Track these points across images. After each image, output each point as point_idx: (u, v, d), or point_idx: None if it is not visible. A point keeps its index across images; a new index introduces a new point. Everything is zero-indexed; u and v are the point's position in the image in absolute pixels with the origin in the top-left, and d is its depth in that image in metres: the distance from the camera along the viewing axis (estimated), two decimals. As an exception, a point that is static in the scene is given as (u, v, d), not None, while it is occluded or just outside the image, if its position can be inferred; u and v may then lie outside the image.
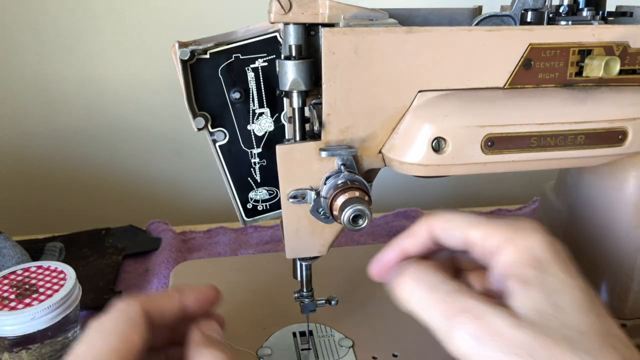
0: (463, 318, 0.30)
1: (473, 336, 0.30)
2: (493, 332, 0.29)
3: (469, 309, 0.30)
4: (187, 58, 0.36)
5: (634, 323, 0.44)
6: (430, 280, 0.32)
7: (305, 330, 0.45)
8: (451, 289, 0.32)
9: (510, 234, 0.32)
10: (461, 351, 0.30)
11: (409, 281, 0.33)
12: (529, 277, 0.31)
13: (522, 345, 0.29)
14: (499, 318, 0.30)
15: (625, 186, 0.41)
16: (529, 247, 0.32)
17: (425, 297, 0.32)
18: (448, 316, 0.31)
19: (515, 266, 0.31)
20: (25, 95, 0.75)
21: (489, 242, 0.33)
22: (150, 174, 0.83)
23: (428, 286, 0.32)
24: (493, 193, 0.92)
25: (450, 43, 0.33)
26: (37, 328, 0.43)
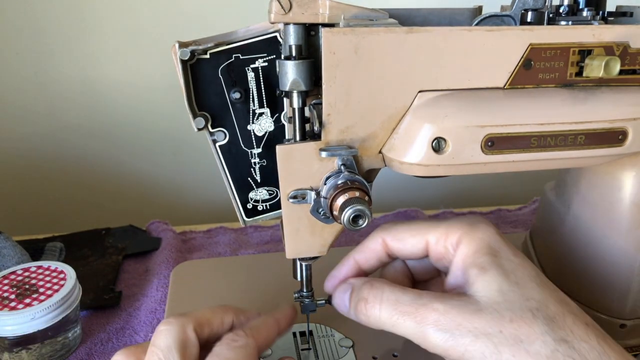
0: (431, 318, 0.32)
1: (444, 331, 0.31)
2: (461, 321, 0.31)
3: (434, 309, 0.32)
4: (187, 58, 0.36)
5: (634, 323, 0.44)
6: (390, 296, 0.34)
7: (306, 330, 0.45)
8: (412, 296, 0.34)
9: (466, 229, 0.35)
10: (439, 348, 0.32)
11: (373, 305, 0.35)
12: (486, 262, 0.33)
13: (489, 324, 0.31)
14: (463, 307, 0.32)
15: (625, 186, 0.41)
16: (483, 238, 0.35)
17: (392, 313, 0.34)
18: (418, 322, 0.33)
19: (474, 256, 0.34)
20: (25, 95, 0.75)
21: (450, 238, 0.36)
22: (151, 174, 0.83)
23: (391, 302, 0.34)
24: (493, 193, 0.92)
25: (450, 43, 0.33)
26: (37, 328, 0.43)
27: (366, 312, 0.35)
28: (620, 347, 0.31)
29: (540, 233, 0.52)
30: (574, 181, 0.45)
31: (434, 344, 0.32)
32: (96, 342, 0.49)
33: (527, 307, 0.31)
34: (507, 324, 0.31)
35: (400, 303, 0.34)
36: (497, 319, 0.31)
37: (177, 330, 0.33)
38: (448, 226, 0.36)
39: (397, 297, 0.34)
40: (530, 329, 0.30)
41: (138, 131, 0.80)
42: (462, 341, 0.31)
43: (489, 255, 0.34)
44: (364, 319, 0.35)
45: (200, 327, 0.34)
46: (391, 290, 0.34)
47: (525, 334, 0.30)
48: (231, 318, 0.37)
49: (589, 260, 0.44)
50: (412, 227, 0.37)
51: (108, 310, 0.53)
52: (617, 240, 0.42)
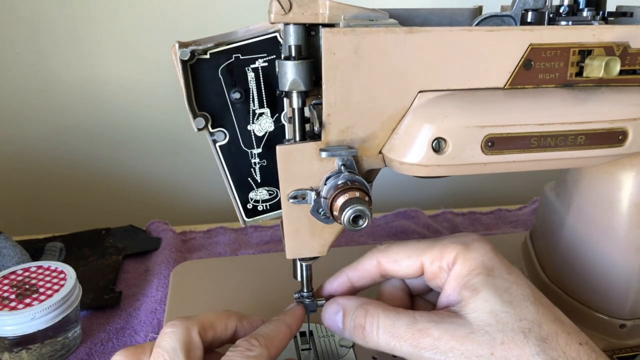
0: (425, 342, 0.33)
1: (439, 354, 0.32)
2: (454, 344, 0.32)
3: (429, 334, 0.33)
4: (187, 58, 0.36)
5: (634, 323, 0.44)
6: (386, 322, 0.35)
7: (306, 330, 0.45)
8: (407, 321, 0.34)
9: (460, 249, 0.36)
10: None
11: (370, 332, 0.35)
12: (479, 283, 0.34)
13: (481, 347, 0.31)
14: (456, 330, 0.33)
15: (625, 186, 0.41)
16: (477, 257, 0.35)
17: (389, 339, 0.34)
18: (414, 346, 0.33)
19: (467, 276, 0.35)
20: (25, 95, 0.75)
21: (445, 259, 0.36)
22: (151, 174, 0.83)
23: (387, 327, 0.35)
24: (493, 193, 0.92)
25: (450, 43, 0.33)
26: (37, 328, 0.43)
27: (364, 337, 0.36)
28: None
29: (540, 233, 0.52)
30: (574, 181, 0.45)
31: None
32: (96, 342, 0.49)
33: (519, 328, 0.32)
34: (499, 346, 0.31)
35: (396, 328, 0.34)
36: (488, 341, 0.31)
37: (182, 333, 0.33)
38: (443, 247, 0.36)
39: (393, 322, 0.35)
40: (522, 350, 0.31)
41: (138, 131, 0.80)
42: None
43: (483, 275, 0.34)
44: (361, 343, 0.36)
45: (204, 331, 0.35)
46: (386, 316, 0.35)
47: (516, 356, 0.31)
48: (234, 323, 0.37)
49: (589, 260, 0.44)
50: (408, 248, 0.38)
51: (108, 310, 0.53)
52: (617, 240, 0.42)
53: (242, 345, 0.34)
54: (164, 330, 0.34)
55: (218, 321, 0.36)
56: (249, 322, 0.38)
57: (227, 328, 0.37)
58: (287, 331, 0.37)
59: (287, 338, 0.37)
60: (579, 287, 0.45)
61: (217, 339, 0.36)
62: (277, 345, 0.36)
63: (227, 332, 0.37)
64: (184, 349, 0.33)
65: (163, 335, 0.34)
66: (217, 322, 0.36)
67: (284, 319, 0.38)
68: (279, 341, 0.36)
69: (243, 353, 0.33)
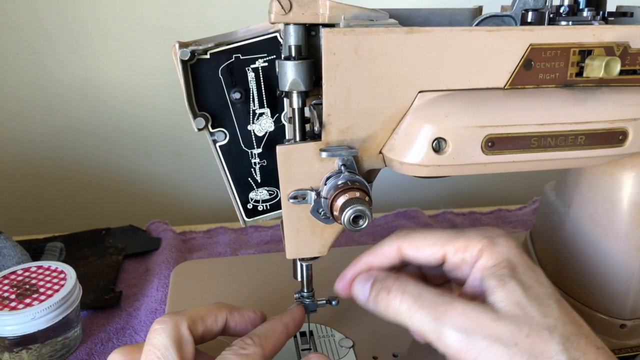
0: (450, 316, 0.32)
1: (461, 330, 0.31)
2: (479, 325, 0.31)
3: (454, 308, 0.32)
4: (188, 58, 0.36)
5: (634, 323, 0.44)
6: (413, 290, 0.35)
7: (306, 330, 0.45)
8: (434, 293, 0.34)
9: (486, 242, 0.35)
10: (452, 347, 0.32)
11: (397, 295, 0.35)
12: (505, 275, 0.33)
13: (507, 335, 0.31)
14: (482, 312, 0.32)
15: (625, 186, 0.41)
16: (503, 252, 0.35)
17: (412, 306, 0.34)
18: (436, 317, 0.33)
19: (493, 268, 0.34)
20: (25, 95, 0.75)
21: (469, 251, 0.36)
22: (151, 174, 0.83)
23: (413, 295, 0.34)
24: (493, 193, 0.92)
25: (450, 43, 0.33)
26: (37, 328, 0.43)
27: (387, 302, 0.35)
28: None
29: (540, 233, 0.52)
30: (574, 181, 0.45)
31: (448, 343, 0.32)
32: (96, 342, 0.49)
33: (544, 324, 0.31)
34: (524, 338, 0.31)
35: (422, 298, 0.34)
36: (514, 331, 0.31)
37: (172, 329, 0.33)
38: (467, 239, 0.36)
39: (420, 291, 0.34)
40: (546, 346, 0.30)
41: (138, 131, 0.80)
42: (478, 345, 0.31)
43: (508, 269, 0.34)
44: (382, 308, 0.35)
45: (194, 325, 0.35)
46: (415, 285, 0.35)
47: (540, 351, 0.30)
48: (225, 315, 0.37)
49: (589, 260, 0.44)
50: (430, 236, 0.37)
51: (108, 310, 0.53)
52: (617, 240, 0.42)
53: (236, 344, 0.34)
54: (153, 327, 0.34)
55: (208, 314, 0.36)
56: (240, 314, 0.38)
57: (217, 320, 0.37)
58: (283, 330, 0.37)
59: (283, 337, 0.37)
60: (579, 287, 0.45)
61: (208, 332, 0.36)
62: (272, 344, 0.36)
63: (218, 324, 0.37)
64: (175, 344, 0.33)
65: (152, 333, 0.33)
66: (207, 315, 0.36)
67: (281, 318, 0.38)
68: (274, 340, 0.36)
69: (237, 352, 0.33)
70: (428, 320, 0.33)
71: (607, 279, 0.43)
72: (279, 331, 0.37)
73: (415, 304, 0.34)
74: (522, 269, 0.34)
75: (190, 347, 0.34)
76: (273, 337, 0.36)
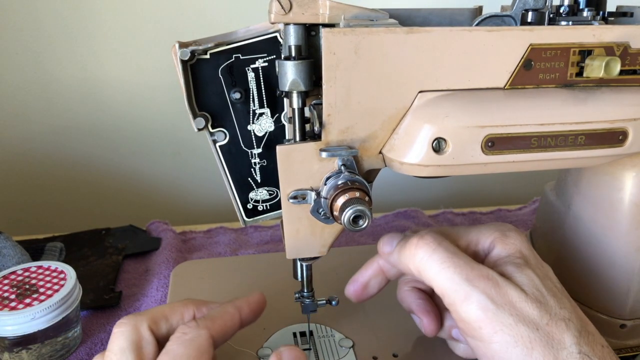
0: (483, 282, 0.32)
1: (491, 300, 0.31)
2: (508, 301, 0.31)
3: (488, 276, 0.32)
4: (188, 58, 0.36)
5: (634, 323, 0.44)
6: (449, 247, 0.34)
7: (306, 330, 0.45)
8: (469, 258, 0.34)
9: (498, 235, 0.36)
10: (475, 314, 0.31)
11: (431, 243, 0.34)
12: (522, 264, 0.34)
13: (532, 317, 0.31)
14: (513, 289, 0.32)
15: (625, 186, 0.41)
16: (515, 244, 0.35)
17: (446, 260, 0.33)
18: (468, 279, 0.32)
19: (508, 257, 0.35)
20: (25, 95, 0.75)
21: (481, 243, 0.36)
22: (150, 174, 0.83)
23: (449, 251, 0.34)
24: (493, 193, 0.92)
25: (450, 43, 0.33)
26: (37, 328, 0.43)
27: (416, 248, 0.34)
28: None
29: (540, 233, 0.52)
30: (574, 181, 0.45)
31: (472, 308, 0.31)
32: (96, 342, 0.49)
33: (561, 315, 0.32)
34: (544, 325, 0.31)
35: (458, 256, 0.33)
36: (537, 315, 0.31)
37: (130, 331, 0.33)
38: (479, 232, 0.36)
39: (456, 250, 0.34)
40: (562, 336, 0.31)
41: (138, 131, 0.80)
42: (503, 319, 0.31)
43: (522, 259, 0.34)
44: (408, 255, 0.35)
45: (155, 324, 0.34)
46: (449, 243, 0.34)
47: (557, 340, 0.30)
48: (192, 311, 0.36)
49: (589, 260, 0.44)
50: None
51: (108, 310, 0.53)
52: (617, 240, 0.42)
53: (178, 330, 0.33)
54: (113, 330, 0.33)
55: (172, 312, 0.35)
56: (208, 308, 0.37)
57: (183, 317, 0.36)
58: (235, 312, 0.36)
59: (233, 320, 0.36)
60: (579, 287, 0.45)
61: (174, 330, 0.35)
62: (220, 325, 0.35)
63: (184, 321, 0.36)
64: (133, 347, 0.32)
65: (112, 337, 0.33)
66: (172, 313, 0.35)
67: (234, 301, 0.37)
68: (223, 321, 0.35)
69: (179, 339, 0.32)
70: (459, 279, 0.32)
71: (607, 279, 0.43)
72: (230, 313, 0.36)
73: (449, 259, 0.33)
74: (534, 262, 0.35)
75: (150, 347, 0.33)
76: (221, 318, 0.35)
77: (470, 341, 0.33)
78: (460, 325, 0.33)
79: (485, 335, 0.31)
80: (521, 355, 0.30)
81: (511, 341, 0.30)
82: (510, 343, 0.30)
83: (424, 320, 0.39)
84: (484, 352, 0.32)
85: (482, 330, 0.31)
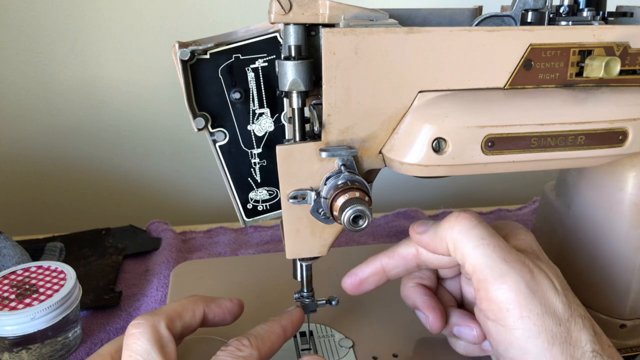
0: (520, 266, 0.32)
1: (526, 285, 0.31)
2: (540, 289, 0.31)
3: (524, 262, 0.32)
4: (187, 58, 0.36)
5: (634, 323, 0.44)
6: (489, 227, 0.34)
7: (306, 330, 0.45)
8: (505, 242, 0.34)
9: (508, 232, 0.36)
10: (507, 295, 0.31)
11: (473, 219, 0.34)
12: (535, 257, 0.34)
13: (558, 310, 0.31)
14: (545, 279, 0.32)
15: (625, 186, 0.41)
16: (526, 240, 0.35)
17: (486, 237, 0.33)
18: (506, 260, 0.32)
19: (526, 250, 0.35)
20: (25, 95, 0.75)
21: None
22: (151, 174, 0.83)
23: (489, 230, 0.34)
24: (493, 193, 0.92)
25: (450, 43, 0.33)
26: (37, 328, 0.43)
27: (456, 220, 0.34)
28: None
29: (540, 233, 0.52)
30: (574, 181, 0.45)
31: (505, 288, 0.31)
32: (96, 342, 0.49)
33: (578, 312, 0.31)
34: (566, 320, 0.31)
35: (496, 237, 0.33)
36: (562, 310, 0.31)
37: (150, 331, 0.32)
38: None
39: (494, 232, 0.33)
40: (579, 334, 0.31)
41: (138, 131, 0.80)
42: (533, 307, 0.31)
43: (533, 256, 0.34)
44: (446, 227, 0.34)
45: (171, 323, 0.34)
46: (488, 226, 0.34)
47: (574, 338, 0.30)
48: (202, 308, 0.36)
49: (589, 260, 0.44)
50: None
51: (108, 310, 0.53)
52: (617, 240, 0.42)
53: (232, 344, 0.34)
54: (129, 331, 0.32)
55: (184, 310, 0.35)
56: (218, 305, 0.37)
57: (195, 315, 0.36)
58: (280, 333, 0.37)
59: (280, 340, 0.37)
60: (579, 287, 0.45)
61: (187, 328, 0.35)
62: (268, 346, 0.35)
63: (196, 318, 0.36)
64: (157, 347, 0.31)
65: (131, 337, 0.32)
66: (184, 311, 0.35)
67: (279, 320, 0.38)
68: (271, 342, 0.35)
69: (233, 353, 0.33)
70: (497, 257, 0.32)
71: (607, 279, 0.43)
72: (277, 333, 0.36)
73: (489, 237, 0.33)
74: (544, 260, 0.35)
75: (172, 345, 0.33)
76: (270, 340, 0.36)
77: (490, 326, 0.32)
78: (485, 305, 0.32)
79: (511, 319, 0.31)
80: (541, 348, 0.30)
81: (535, 330, 0.30)
82: (534, 332, 0.30)
83: (430, 317, 0.38)
84: (504, 337, 0.31)
85: (509, 312, 0.31)
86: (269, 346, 0.35)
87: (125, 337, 0.33)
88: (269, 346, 0.35)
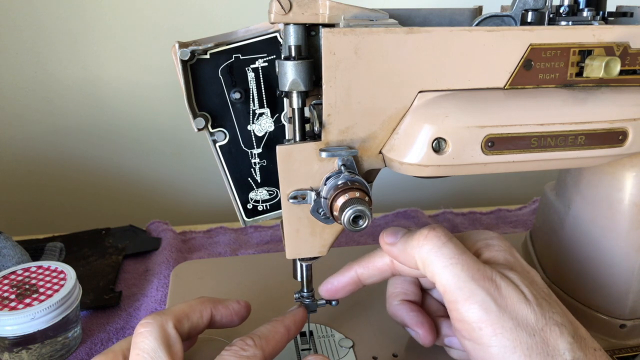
0: (487, 283, 0.32)
1: (494, 301, 0.31)
2: (509, 304, 0.31)
3: (492, 278, 0.32)
4: (187, 58, 0.36)
5: (634, 323, 0.44)
6: (458, 244, 0.34)
7: (306, 330, 0.45)
8: (474, 257, 0.33)
9: (481, 244, 0.36)
10: (477, 314, 0.31)
11: (442, 237, 0.34)
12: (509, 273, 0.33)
13: (531, 322, 0.31)
14: (513, 292, 0.32)
15: (625, 186, 0.41)
16: (500, 252, 0.35)
17: (454, 257, 0.33)
18: (474, 278, 0.32)
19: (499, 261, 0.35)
20: (25, 95, 0.75)
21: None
22: (150, 174, 0.83)
23: (458, 247, 0.33)
24: (493, 193, 0.92)
25: (450, 43, 0.33)
26: (37, 328, 0.43)
27: (425, 239, 0.34)
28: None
29: (540, 233, 0.52)
30: (574, 181, 0.45)
31: (475, 308, 0.31)
32: (96, 342, 0.49)
33: (554, 320, 0.31)
34: (540, 330, 0.31)
35: (466, 255, 0.33)
36: (534, 320, 0.31)
37: (158, 330, 0.33)
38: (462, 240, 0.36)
39: (464, 249, 0.33)
40: (556, 342, 0.30)
41: (138, 131, 0.80)
42: (504, 323, 0.30)
43: (508, 267, 0.34)
44: (415, 245, 0.34)
45: (179, 323, 0.34)
46: (458, 240, 0.34)
47: (552, 347, 0.30)
48: (209, 310, 0.37)
49: (589, 260, 0.44)
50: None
51: (108, 310, 0.53)
52: (617, 240, 0.42)
53: (236, 344, 0.34)
54: (138, 330, 0.33)
55: (192, 311, 0.36)
56: (225, 306, 0.38)
57: (202, 316, 0.36)
58: (284, 332, 0.37)
59: (284, 340, 0.37)
60: (579, 287, 0.45)
61: (194, 329, 0.36)
62: (272, 346, 0.35)
63: (203, 319, 0.36)
64: (164, 346, 0.32)
65: (139, 336, 0.33)
66: (192, 312, 0.36)
67: (283, 320, 0.38)
68: (275, 342, 0.36)
69: (237, 353, 0.33)
70: (465, 277, 0.32)
71: (607, 279, 0.43)
72: (280, 333, 0.37)
73: (457, 256, 0.32)
74: (520, 269, 0.34)
75: (179, 345, 0.33)
76: (274, 339, 0.36)
77: (467, 344, 0.32)
78: (459, 325, 0.32)
79: (485, 337, 0.31)
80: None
81: (510, 346, 0.30)
82: (509, 348, 0.30)
83: (420, 333, 0.39)
84: (482, 355, 0.31)
85: (481, 331, 0.31)
86: (272, 346, 0.35)
87: (133, 335, 0.33)
88: (273, 346, 0.35)
